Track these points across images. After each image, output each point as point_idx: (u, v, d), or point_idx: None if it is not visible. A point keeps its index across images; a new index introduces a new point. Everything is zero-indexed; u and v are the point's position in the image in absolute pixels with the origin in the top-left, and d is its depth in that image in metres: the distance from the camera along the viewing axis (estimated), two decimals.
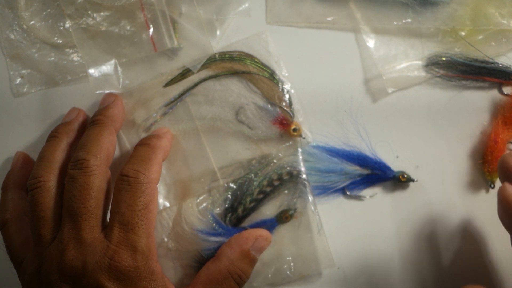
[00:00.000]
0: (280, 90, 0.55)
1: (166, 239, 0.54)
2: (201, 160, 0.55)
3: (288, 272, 0.54)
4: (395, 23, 0.55)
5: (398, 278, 0.55)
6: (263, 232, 0.51)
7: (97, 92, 0.54)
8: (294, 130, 0.54)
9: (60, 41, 0.56)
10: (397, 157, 0.55)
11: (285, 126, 0.55)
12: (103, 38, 0.55)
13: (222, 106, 0.56)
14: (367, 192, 0.55)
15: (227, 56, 0.56)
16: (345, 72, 0.56)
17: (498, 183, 0.54)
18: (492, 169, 0.54)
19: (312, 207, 0.54)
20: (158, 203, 0.54)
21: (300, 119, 0.55)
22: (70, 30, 0.55)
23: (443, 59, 0.55)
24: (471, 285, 0.51)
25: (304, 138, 0.55)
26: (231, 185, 0.55)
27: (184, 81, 0.56)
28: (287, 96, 0.55)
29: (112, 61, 0.55)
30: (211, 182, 0.55)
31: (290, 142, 0.55)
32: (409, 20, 0.55)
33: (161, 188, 0.55)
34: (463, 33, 0.55)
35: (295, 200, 0.54)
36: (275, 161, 0.55)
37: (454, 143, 0.55)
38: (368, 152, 0.55)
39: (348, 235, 0.55)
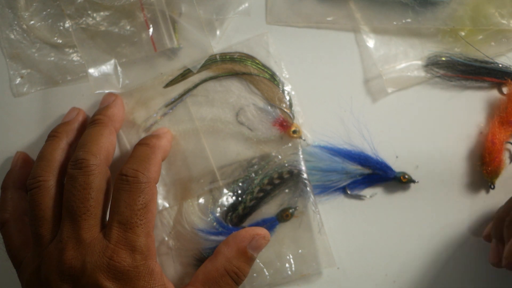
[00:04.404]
0: (281, 91, 0.55)
1: (166, 238, 0.54)
2: (201, 161, 0.55)
3: (288, 271, 0.53)
4: (395, 23, 0.55)
5: (397, 278, 0.54)
6: (261, 230, 0.51)
7: (97, 92, 0.54)
8: (294, 132, 0.54)
9: (60, 41, 0.56)
10: (397, 157, 0.55)
11: (285, 128, 0.55)
12: (103, 38, 0.55)
13: (223, 107, 0.56)
14: (367, 191, 0.55)
15: (227, 57, 0.56)
16: (345, 72, 0.56)
17: (498, 184, 0.54)
18: (491, 171, 0.54)
19: (313, 206, 0.54)
20: (157, 203, 0.54)
21: (300, 120, 0.55)
22: (70, 30, 0.55)
23: (443, 59, 0.55)
24: None
25: (304, 140, 0.55)
26: (232, 184, 0.55)
27: (185, 81, 0.56)
28: (287, 97, 0.55)
29: (112, 61, 0.55)
30: (211, 183, 0.55)
31: (290, 144, 0.55)
32: (409, 20, 0.55)
33: (160, 189, 0.55)
34: (463, 33, 0.55)
35: (296, 199, 0.54)
36: (276, 160, 0.55)
37: (454, 144, 0.55)
38: (369, 152, 0.55)
39: (348, 234, 0.55)
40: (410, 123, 0.56)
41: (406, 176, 0.54)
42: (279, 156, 0.55)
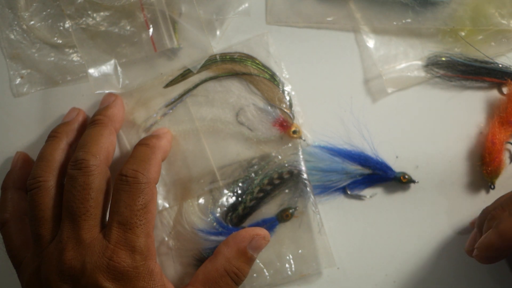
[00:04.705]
0: (281, 91, 0.55)
1: (166, 238, 0.54)
2: (201, 161, 0.55)
3: (288, 271, 0.53)
4: (395, 23, 0.55)
5: (397, 278, 0.54)
6: (261, 231, 0.51)
7: (97, 92, 0.54)
8: (294, 132, 0.54)
9: (60, 41, 0.56)
10: (397, 157, 0.55)
11: (285, 128, 0.55)
12: (103, 38, 0.55)
13: (223, 107, 0.56)
14: (367, 192, 0.55)
15: (227, 57, 0.56)
16: (345, 72, 0.56)
17: (498, 184, 0.54)
18: (491, 171, 0.54)
19: (313, 207, 0.54)
20: (157, 203, 0.54)
21: (300, 121, 0.55)
22: (70, 30, 0.55)
23: (443, 59, 0.55)
24: None
25: (304, 140, 0.55)
26: (232, 184, 0.55)
27: (185, 81, 0.56)
28: (287, 97, 0.55)
29: (112, 61, 0.55)
30: (211, 184, 0.55)
31: (290, 144, 0.55)
32: (409, 20, 0.55)
33: (160, 189, 0.55)
34: (463, 33, 0.55)
35: (296, 199, 0.54)
36: (275, 161, 0.55)
37: (454, 144, 0.55)
38: (369, 152, 0.55)
39: (348, 234, 0.55)
40: (410, 123, 0.56)
41: (406, 176, 0.54)
42: (279, 156, 0.55)
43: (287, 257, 0.54)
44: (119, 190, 0.46)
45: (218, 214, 0.54)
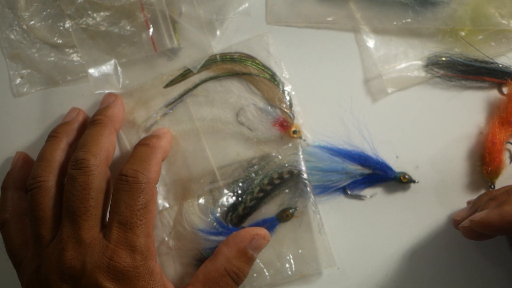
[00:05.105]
0: (281, 91, 0.55)
1: (166, 238, 0.54)
2: (201, 161, 0.55)
3: (288, 271, 0.53)
4: (395, 23, 0.55)
5: (397, 278, 0.54)
6: (261, 230, 0.51)
7: (97, 92, 0.54)
8: (294, 132, 0.54)
9: (60, 41, 0.56)
10: (397, 157, 0.55)
11: (285, 128, 0.55)
12: (103, 38, 0.55)
13: (223, 107, 0.56)
14: (367, 191, 0.55)
15: (227, 57, 0.56)
16: (345, 72, 0.56)
17: (498, 184, 0.54)
18: (491, 171, 0.54)
19: (313, 207, 0.54)
20: (157, 203, 0.54)
21: (301, 121, 0.55)
22: (70, 30, 0.55)
23: (443, 59, 0.55)
24: None
25: (304, 140, 0.55)
26: (232, 184, 0.55)
27: (185, 81, 0.56)
28: (287, 97, 0.55)
29: (112, 61, 0.55)
30: (211, 183, 0.55)
31: (290, 144, 0.55)
32: (409, 20, 0.55)
33: (160, 189, 0.55)
34: (463, 33, 0.55)
35: (296, 199, 0.54)
36: (275, 161, 0.55)
37: (454, 144, 0.55)
38: (369, 152, 0.55)
39: (348, 234, 0.55)
40: (410, 123, 0.56)
41: (406, 176, 0.54)
42: (279, 156, 0.55)
43: (287, 257, 0.54)
44: (119, 190, 0.46)
45: (218, 214, 0.54)
